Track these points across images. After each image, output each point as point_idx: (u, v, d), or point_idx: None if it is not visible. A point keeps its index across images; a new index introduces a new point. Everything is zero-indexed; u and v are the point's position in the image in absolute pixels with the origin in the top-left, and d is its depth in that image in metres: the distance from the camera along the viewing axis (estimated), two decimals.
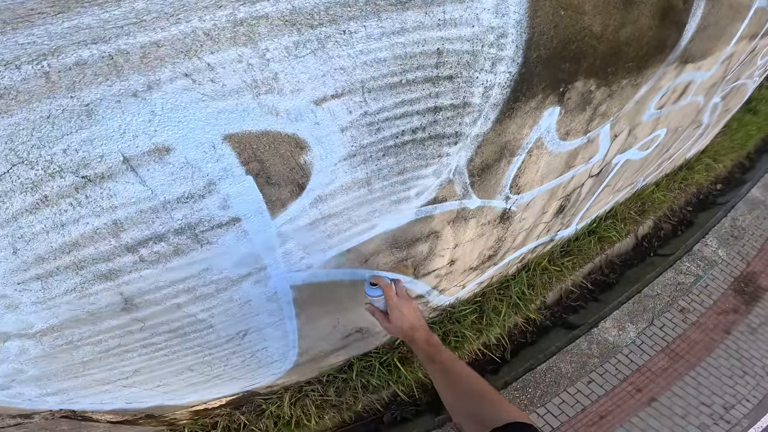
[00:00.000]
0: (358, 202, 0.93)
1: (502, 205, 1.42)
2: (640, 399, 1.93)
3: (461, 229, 1.35)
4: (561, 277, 2.46)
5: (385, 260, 1.18)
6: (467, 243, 1.48)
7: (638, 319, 2.46)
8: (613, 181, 2.17)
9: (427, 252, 1.32)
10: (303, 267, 0.99)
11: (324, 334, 1.41)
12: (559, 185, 1.65)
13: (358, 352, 1.87)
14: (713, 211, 3.38)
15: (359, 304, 1.35)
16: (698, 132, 2.81)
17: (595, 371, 2.19)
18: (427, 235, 1.23)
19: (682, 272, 2.73)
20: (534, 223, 1.82)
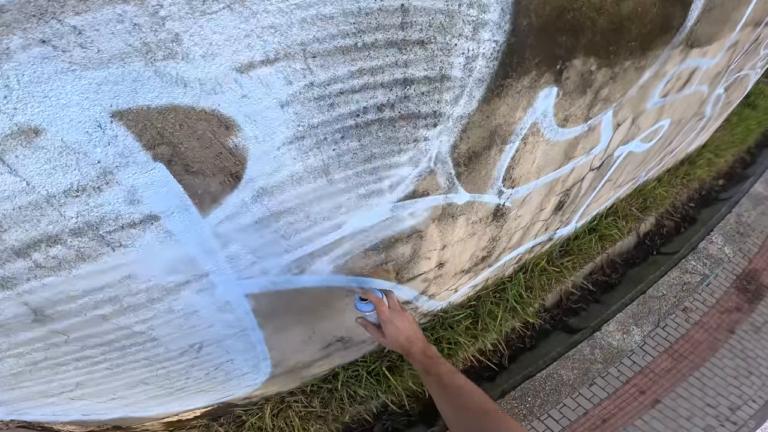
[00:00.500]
0: (317, 195, 0.75)
1: (495, 200, 1.24)
2: (643, 401, 1.80)
3: (449, 228, 1.17)
4: (560, 278, 2.27)
5: (359, 264, 1.00)
6: (457, 243, 1.30)
7: (643, 321, 2.26)
8: (614, 175, 1.99)
9: (410, 254, 1.14)
10: (257, 273, 0.81)
11: (298, 345, 1.23)
12: (557, 179, 1.47)
13: (342, 361, 1.69)
14: (716, 207, 3.19)
15: (336, 312, 1.17)
16: (700, 125, 2.63)
17: (600, 377, 2.00)
18: (409, 235, 1.05)
19: (687, 271, 2.54)
20: (531, 221, 1.64)
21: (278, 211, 0.72)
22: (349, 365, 1.73)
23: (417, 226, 1.04)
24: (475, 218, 1.23)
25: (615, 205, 2.54)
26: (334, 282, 0.99)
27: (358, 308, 0.85)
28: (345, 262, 0.96)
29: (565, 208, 1.83)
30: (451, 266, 1.41)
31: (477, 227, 1.30)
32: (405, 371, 1.79)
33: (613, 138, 1.57)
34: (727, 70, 2.11)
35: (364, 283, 1.11)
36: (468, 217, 1.19)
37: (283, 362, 1.31)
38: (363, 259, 1.00)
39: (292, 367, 1.40)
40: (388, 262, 1.09)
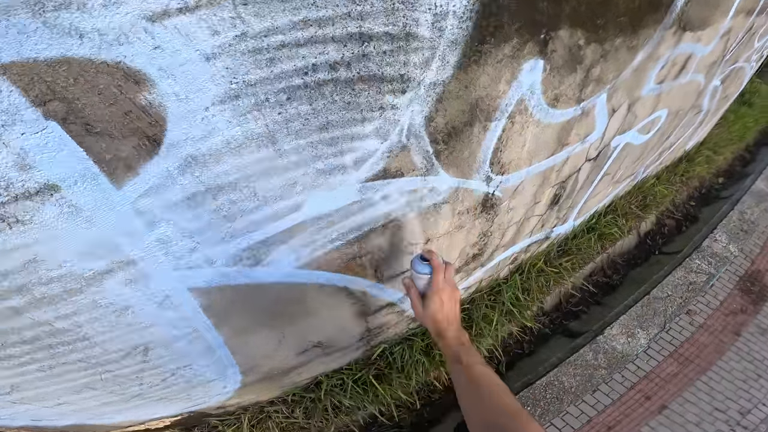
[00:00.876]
0: (264, 168, 0.64)
1: (483, 188, 1.12)
2: (649, 407, 1.68)
3: (431, 217, 1.04)
4: (559, 279, 2.12)
5: (328, 257, 0.88)
6: (443, 237, 1.18)
7: (649, 324, 2.10)
8: (612, 168, 1.87)
9: (388, 247, 1.01)
10: (200, 263, 0.69)
11: (267, 350, 1.09)
12: (552, 168, 1.35)
13: (325, 369, 1.54)
14: (718, 205, 3.05)
15: (308, 315, 1.04)
16: (698, 119, 2.52)
17: (604, 383, 1.83)
18: (384, 224, 0.93)
19: (692, 270, 2.38)
20: (525, 215, 1.52)
21: (215, 185, 0.61)
22: (333, 373, 1.58)
23: (393, 213, 0.92)
24: (462, 208, 1.11)
25: (614, 202, 2.41)
26: (299, 278, 0.87)
27: (415, 267, 0.72)
28: (310, 254, 0.84)
29: (562, 203, 1.71)
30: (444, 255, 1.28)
31: (465, 219, 1.18)
32: (394, 380, 1.63)
33: (609, 125, 1.46)
34: (722, 60, 2.02)
35: (336, 280, 0.98)
36: (453, 206, 1.07)
37: (255, 369, 1.17)
38: (332, 252, 0.87)
39: (267, 374, 1.26)
40: (362, 256, 0.96)
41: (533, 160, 1.21)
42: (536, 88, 0.99)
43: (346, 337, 1.34)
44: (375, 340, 1.54)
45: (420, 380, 1.74)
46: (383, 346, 1.61)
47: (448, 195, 1.01)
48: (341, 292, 1.03)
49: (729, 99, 2.85)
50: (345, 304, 1.10)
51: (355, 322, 1.25)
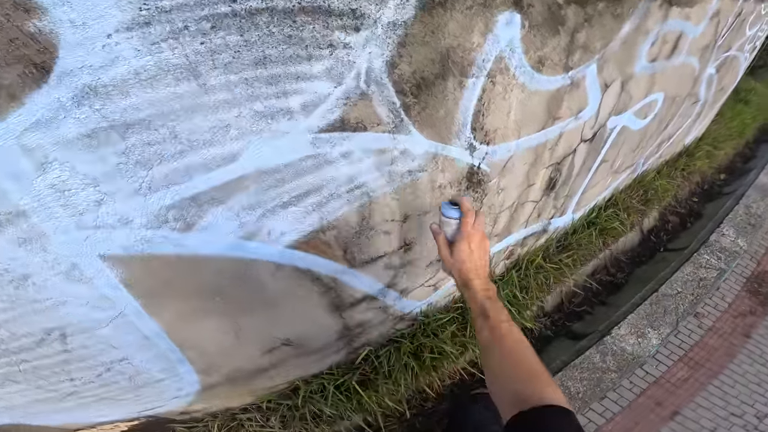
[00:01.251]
0: (186, 106, 0.53)
1: (466, 158, 1.00)
2: (660, 413, 1.56)
3: (407, 188, 0.93)
4: (560, 277, 1.97)
5: (278, 226, 0.76)
6: (423, 215, 1.06)
7: (659, 323, 1.93)
8: (610, 155, 1.76)
9: (357, 223, 0.89)
10: (111, 221, 0.57)
11: (224, 345, 0.95)
12: (543, 144, 1.24)
13: (303, 373, 1.38)
14: (721, 200, 2.92)
15: (268, 303, 0.90)
16: (695, 110, 2.44)
17: (612, 390, 1.65)
18: (350, 190, 0.81)
19: (702, 266, 2.23)
20: (519, 200, 1.39)
21: (123, 122, 0.50)
22: (312, 378, 1.42)
23: (359, 177, 0.80)
24: (444, 180, 1.00)
25: (614, 196, 2.29)
26: (247, 252, 0.74)
27: (443, 211, 0.69)
28: (258, 221, 0.71)
29: (559, 189, 1.59)
30: (420, 249, 1.15)
31: (447, 193, 1.06)
32: (380, 386, 1.47)
33: (603, 102, 1.37)
34: (715, 45, 1.95)
35: (297, 260, 0.86)
36: (433, 176, 0.96)
37: (213, 369, 1.02)
38: (282, 219, 0.75)
39: (231, 376, 1.11)
40: (326, 231, 0.84)
41: (522, 131, 1.10)
42: (516, 46, 0.89)
43: (321, 336, 1.20)
44: (357, 341, 1.39)
45: (410, 387, 1.57)
46: (368, 349, 1.46)
47: (425, 162, 0.89)
48: (305, 276, 0.90)
49: (725, 91, 2.78)
50: (312, 292, 0.96)
51: (329, 317, 1.11)
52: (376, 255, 1.02)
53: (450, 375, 1.66)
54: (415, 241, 1.09)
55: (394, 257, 1.09)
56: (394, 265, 1.13)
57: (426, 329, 1.55)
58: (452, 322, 1.61)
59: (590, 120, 1.39)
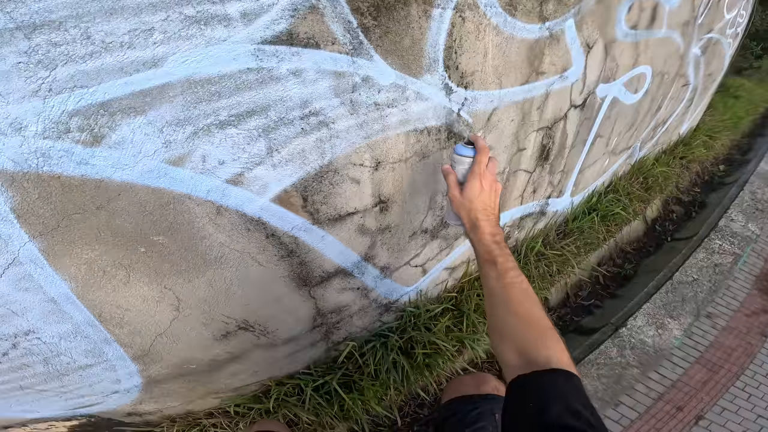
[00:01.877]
0: (105, 8, 0.42)
1: (443, 100, 0.89)
2: (683, 419, 1.43)
3: (375, 123, 0.81)
4: (563, 266, 1.81)
5: (214, 152, 0.63)
6: (399, 165, 0.92)
7: (679, 312, 1.74)
8: (604, 129, 1.66)
9: (317, 161, 0.76)
10: (2, 126, 0.45)
11: (159, 321, 0.78)
12: (530, 101, 1.14)
13: (274, 371, 1.19)
14: (724, 190, 2.80)
15: (209, 260, 0.76)
16: (687, 95, 2.38)
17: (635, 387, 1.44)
18: (302, 115, 0.69)
19: (715, 252, 2.06)
20: (510, 166, 1.27)
21: (31, 23, 0.39)
22: (286, 378, 1.22)
23: (315, 103, 0.68)
24: (420, 125, 0.88)
25: (614, 182, 2.17)
26: (175, 183, 0.61)
27: (457, 150, 0.66)
28: (187, 143, 0.59)
29: (553, 161, 1.47)
30: (400, 211, 1.01)
31: (425, 142, 0.94)
32: (366, 389, 1.26)
33: (588, 65, 1.28)
34: (695, 22, 1.92)
35: (243, 204, 0.72)
36: (406, 118, 0.84)
37: (154, 356, 0.85)
38: (223, 145, 0.62)
39: (181, 368, 0.93)
40: (277, 165, 0.71)
41: (503, 80, 1.00)
42: None
43: (290, 321, 1.02)
44: (336, 333, 1.21)
45: (402, 390, 1.36)
46: (350, 344, 1.27)
47: (393, 95, 0.78)
48: (257, 227, 0.75)
49: (714, 79, 2.75)
50: (269, 254, 0.81)
51: (295, 293, 0.95)
52: (344, 210, 0.88)
53: (447, 376, 1.45)
54: (392, 198, 0.95)
55: (369, 218, 0.95)
56: (369, 229, 0.98)
57: (416, 322, 1.37)
58: (446, 314, 1.42)
59: (578, 83, 1.31)
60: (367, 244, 0.99)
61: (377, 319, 1.30)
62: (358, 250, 0.99)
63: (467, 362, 1.52)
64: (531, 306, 0.51)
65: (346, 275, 1.02)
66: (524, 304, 0.51)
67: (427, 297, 1.43)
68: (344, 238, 0.92)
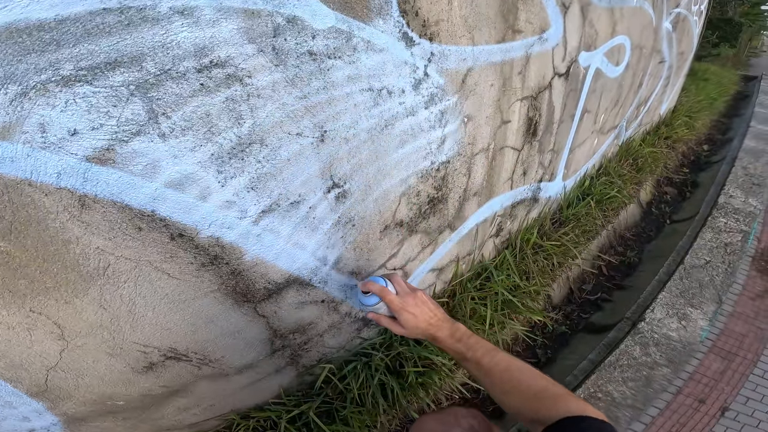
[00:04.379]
0: None
1: (402, 52, 0.69)
2: (708, 411, 1.27)
3: (311, 77, 0.60)
4: (564, 258, 1.59)
5: (60, 118, 0.41)
6: (353, 134, 0.72)
7: (698, 299, 1.53)
8: (591, 103, 1.50)
9: (231, 129, 0.54)
10: None
11: (39, 349, 0.53)
12: (510, 63, 0.96)
13: (236, 403, 0.92)
14: (713, 168, 2.68)
15: (93, 278, 0.52)
16: (664, 72, 2.28)
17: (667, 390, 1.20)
18: (199, 67, 0.48)
19: (722, 230, 1.88)
20: (495, 142, 1.07)
21: None
22: (254, 411, 0.94)
23: (216, 49, 0.47)
24: (375, 81, 0.67)
25: (604, 165, 2.01)
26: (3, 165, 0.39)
27: (363, 303, 0.65)
28: (10, 106, 0.37)
29: (542, 136, 1.28)
30: (364, 199, 0.79)
31: (387, 105, 0.73)
32: (350, 418, 1.00)
33: (567, 29, 1.13)
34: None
35: (123, 189, 0.49)
36: (354, 67, 0.63)
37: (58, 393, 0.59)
38: (73, 109, 0.40)
39: (104, 404, 0.66)
40: (168, 136, 0.49)
41: (475, 34, 0.82)
42: None
43: (238, 345, 0.77)
44: (306, 356, 0.96)
45: (395, 415, 1.10)
46: (327, 367, 1.01)
47: (335, 43, 0.58)
48: (153, 225, 0.52)
49: (686, 59, 2.68)
50: (179, 260, 0.58)
51: (234, 311, 0.71)
52: (284, 198, 0.65)
53: (448, 394, 1.19)
54: (351, 181, 0.74)
55: (321, 207, 0.72)
56: (324, 223, 0.75)
57: (403, 337, 1.12)
58: None
59: (559, 48, 1.14)
60: (323, 242, 0.77)
61: (356, 336, 1.05)
62: (312, 252, 0.76)
63: (467, 375, 1.27)
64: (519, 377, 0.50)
65: (303, 285, 0.79)
66: (513, 379, 0.50)
67: None
68: (290, 236, 0.69)
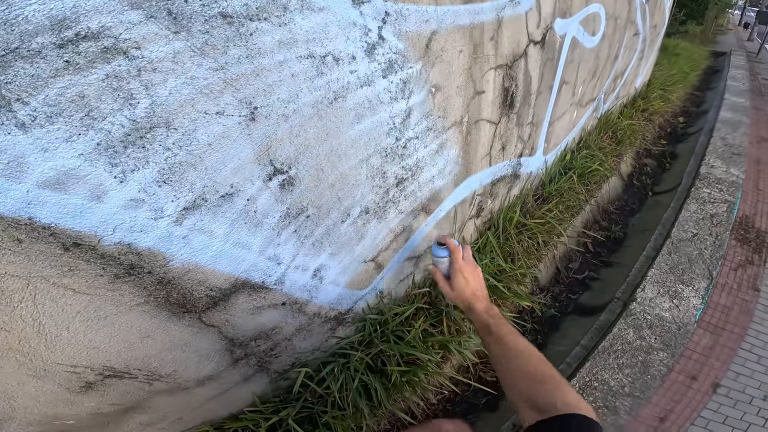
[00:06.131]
0: None
1: (348, 11, 0.58)
2: (700, 388, 1.26)
3: (229, 44, 0.48)
4: (549, 236, 1.52)
5: None
6: (294, 109, 0.61)
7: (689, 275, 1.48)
8: (569, 74, 1.41)
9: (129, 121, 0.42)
10: None
11: None
12: (480, 27, 0.85)
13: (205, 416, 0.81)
14: (691, 139, 2.67)
15: None
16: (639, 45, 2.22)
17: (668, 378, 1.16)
18: (61, 42, 0.35)
19: (706, 201, 1.85)
20: (468, 114, 0.97)
21: None
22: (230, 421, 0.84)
23: (81, 19, 0.35)
24: (317, 47, 0.56)
25: (584, 138, 1.95)
26: None
27: (434, 253, 0.73)
28: None
29: (519, 109, 1.19)
30: (316, 186, 0.68)
31: (336, 75, 0.62)
32: (331, 423, 0.90)
33: None
34: None
35: None
36: (287, 30, 0.52)
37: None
38: None
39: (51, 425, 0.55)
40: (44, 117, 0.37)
41: None
42: None
43: (191, 358, 0.66)
44: (275, 362, 0.85)
45: (381, 416, 1.01)
46: (303, 371, 0.91)
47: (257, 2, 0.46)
48: (36, 235, 0.40)
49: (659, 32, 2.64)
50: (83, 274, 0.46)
51: (174, 324, 0.59)
52: (211, 190, 0.54)
53: (436, 389, 1.10)
54: (297, 165, 0.62)
55: (263, 198, 0.61)
56: (269, 216, 0.64)
57: (384, 330, 1.02)
58: (419, 315, 1.09)
59: (532, 13, 1.04)
60: (272, 239, 0.65)
61: (330, 336, 0.95)
62: (260, 250, 0.64)
63: (455, 369, 1.19)
64: (529, 360, 0.54)
65: (255, 289, 0.67)
66: (524, 359, 0.54)
67: (392, 298, 1.10)
68: (227, 236, 0.58)
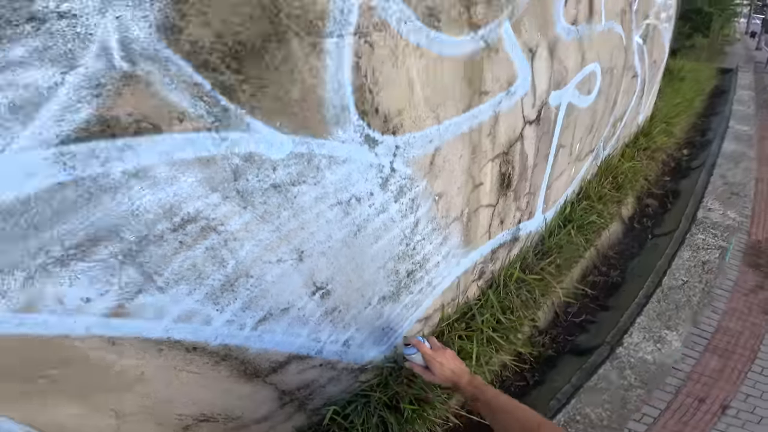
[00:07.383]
0: None
1: (366, 155, 0.70)
2: (708, 410, 1.30)
3: (280, 209, 0.60)
4: (546, 288, 1.61)
5: (71, 291, 0.41)
6: (329, 246, 0.72)
7: (675, 321, 1.56)
8: (565, 138, 1.50)
9: (224, 277, 0.55)
10: None
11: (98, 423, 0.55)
12: (478, 129, 0.96)
13: None
14: (693, 175, 2.70)
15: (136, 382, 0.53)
16: (638, 86, 2.28)
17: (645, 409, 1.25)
18: (174, 226, 0.48)
19: (699, 248, 1.91)
20: (468, 207, 1.08)
21: None
22: None
23: (182, 206, 0.48)
24: (343, 195, 0.68)
25: (584, 188, 2.02)
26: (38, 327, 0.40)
27: (405, 353, 0.81)
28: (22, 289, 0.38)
29: (517, 187, 1.29)
30: (346, 291, 0.80)
31: (357, 212, 0.74)
32: None
33: (536, 73, 1.13)
34: (631, 9, 1.83)
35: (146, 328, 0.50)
36: (321, 187, 0.64)
37: None
38: (78, 282, 0.41)
39: None
40: (167, 288, 0.49)
41: (440, 112, 0.82)
42: None
43: (252, 406, 0.80)
44: (311, 403, 0.98)
45: None
46: (331, 409, 1.04)
47: (296, 168, 0.58)
48: (171, 346, 0.53)
49: (659, 66, 2.68)
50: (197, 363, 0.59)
51: (245, 385, 0.73)
52: (275, 309, 0.66)
53: (442, 422, 1.22)
54: (332, 281, 0.75)
55: (309, 307, 0.74)
56: (313, 317, 0.76)
57: (399, 375, 1.15)
58: None
59: (528, 97, 1.14)
60: (315, 329, 0.78)
61: (355, 381, 1.08)
62: (306, 336, 0.78)
63: (458, 404, 1.30)
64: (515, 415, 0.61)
65: (302, 359, 0.81)
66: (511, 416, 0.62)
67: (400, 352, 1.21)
68: (285, 331, 0.71)
